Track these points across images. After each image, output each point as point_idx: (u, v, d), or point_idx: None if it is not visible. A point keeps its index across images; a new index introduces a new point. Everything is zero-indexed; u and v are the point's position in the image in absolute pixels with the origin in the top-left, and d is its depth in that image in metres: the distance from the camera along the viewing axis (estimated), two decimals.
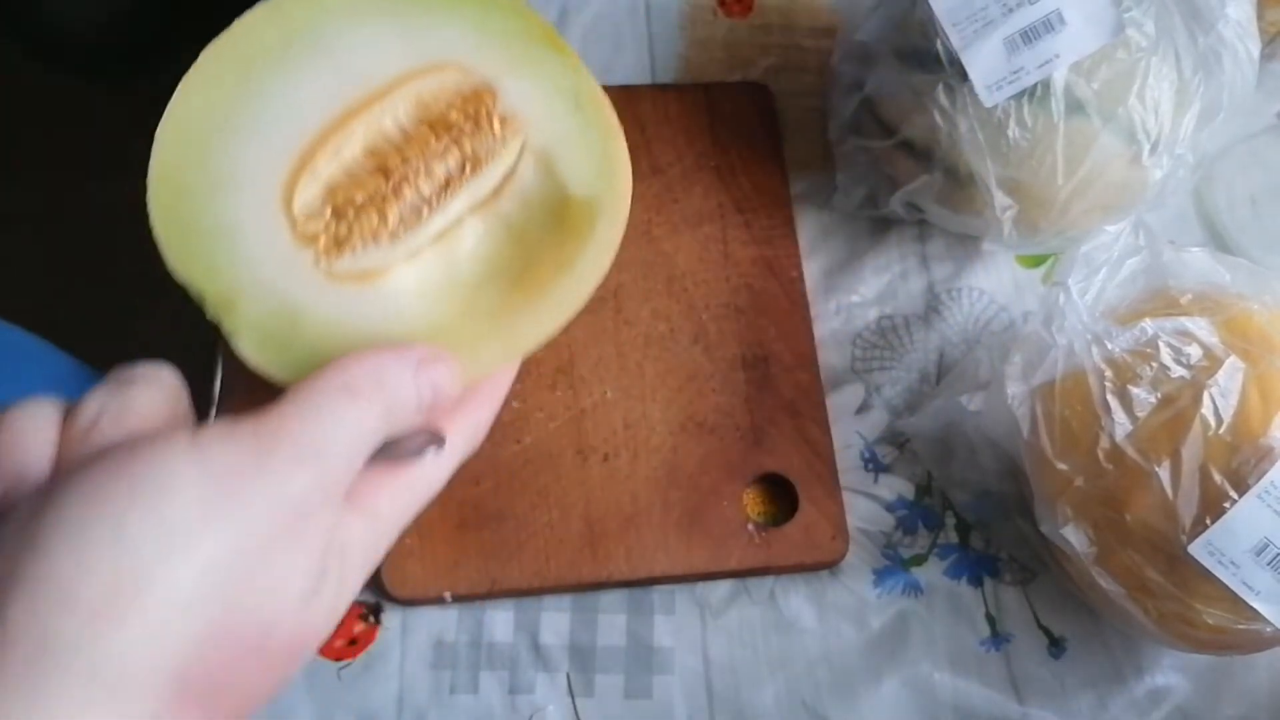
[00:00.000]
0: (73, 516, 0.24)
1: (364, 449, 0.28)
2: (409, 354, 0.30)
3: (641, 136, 0.62)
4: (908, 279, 0.61)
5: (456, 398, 0.31)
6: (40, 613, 0.23)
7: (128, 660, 0.24)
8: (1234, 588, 0.44)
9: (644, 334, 0.57)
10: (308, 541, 0.27)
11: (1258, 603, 0.44)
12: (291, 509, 0.26)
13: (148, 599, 0.24)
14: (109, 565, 0.24)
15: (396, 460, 0.30)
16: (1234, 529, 0.44)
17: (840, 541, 0.53)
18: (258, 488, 0.26)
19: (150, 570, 0.24)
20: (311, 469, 0.27)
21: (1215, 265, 0.50)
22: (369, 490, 0.30)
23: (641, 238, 0.59)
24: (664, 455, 0.54)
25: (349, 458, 0.28)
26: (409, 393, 0.29)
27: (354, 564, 0.29)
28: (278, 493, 0.26)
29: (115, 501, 0.24)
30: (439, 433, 0.32)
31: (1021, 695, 0.52)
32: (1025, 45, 0.51)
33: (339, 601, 0.28)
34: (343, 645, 0.51)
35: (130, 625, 0.24)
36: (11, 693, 0.23)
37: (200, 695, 0.25)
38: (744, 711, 0.51)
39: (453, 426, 0.32)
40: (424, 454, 0.31)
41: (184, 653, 0.24)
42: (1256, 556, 0.44)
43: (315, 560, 0.27)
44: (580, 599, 0.52)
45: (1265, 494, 0.44)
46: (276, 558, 0.26)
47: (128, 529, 0.24)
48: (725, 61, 0.66)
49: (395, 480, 0.30)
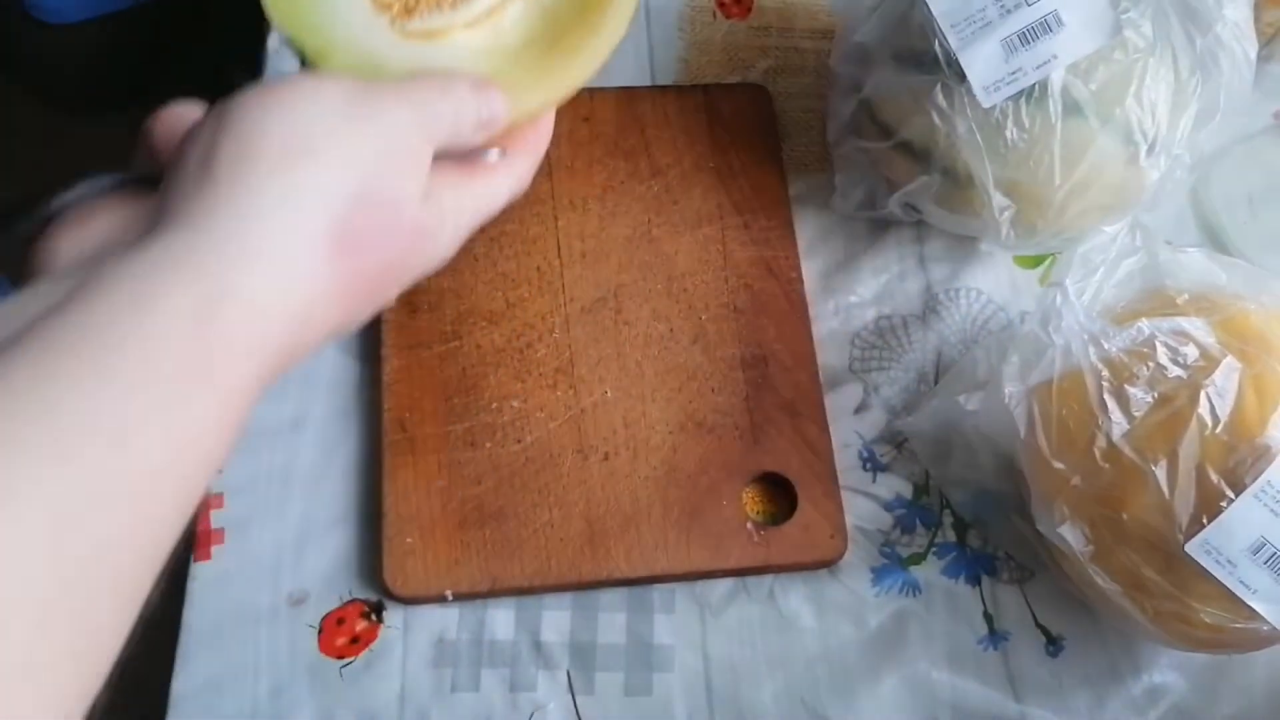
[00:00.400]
0: (251, 104, 0.32)
1: (438, 129, 0.35)
2: (468, 77, 0.37)
3: (641, 138, 0.62)
4: (906, 279, 0.61)
5: (505, 126, 0.37)
6: (235, 164, 0.31)
7: (302, 199, 0.31)
8: (1231, 587, 0.44)
9: (644, 334, 0.57)
10: (416, 160, 0.34)
11: (1255, 601, 0.45)
12: (401, 130, 0.34)
13: (313, 158, 0.32)
14: (282, 133, 0.32)
15: (465, 160, 0.37)
16: (1230, 528, 0.44)
17: (839, 540, 0.53)
18: (377, 108, 0.33)
19: (314, 138, 0.32)
20: (409, 108, 0.34)
21: (1212, 266, 0.51)
22: (441, 181, 0.35)
23: (641, 239, 0.59)
24: (664, 455, 0.54)
25: (430, 124, 0.34)
26: (469, 106, 0.36)
27: (444, 224, 0.36)
28: (390, 117, 0.34)
29: (282, 96, 0.32)
30: None
31: (1019, 693, 0.52)
32: (1023, 46, 0.52)
33: (442, 238, 0.36)
34: (344, 644, 0.51)
35: (301, 173, 0.31)
36: (220, 218, 0.30)
37: (349, 249, 0.32)
38: (743, 709, 0.51)
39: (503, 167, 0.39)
40: (489, 156, 0.38)
41: (337, 208, 0.31)
42: (1253, 555, 0.44)
43: (422, 177, 0.34)
44: (580, 597, 0.53)
45: (1262, 493, 0.44)
46: (397, 159, 0.33)
47: (295, 110, 0.32)
48: (724, 63, 0.67)
49: (463, 180, 0.37)
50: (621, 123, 0.62)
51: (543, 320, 0.57)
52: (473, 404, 0.54)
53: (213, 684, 0.50)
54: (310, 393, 0.56)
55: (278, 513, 0.53)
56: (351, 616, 0.52)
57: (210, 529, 0.52)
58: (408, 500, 0.52)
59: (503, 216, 0.58)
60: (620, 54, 0.66)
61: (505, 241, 0.58)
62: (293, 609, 0.52)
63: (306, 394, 0.56)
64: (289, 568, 0.52)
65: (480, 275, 0.57)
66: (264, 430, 0.55)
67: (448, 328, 0.56)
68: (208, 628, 0.51)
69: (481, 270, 0.58)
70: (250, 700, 0.50)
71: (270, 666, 0.50)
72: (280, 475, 0.54)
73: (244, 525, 0.53)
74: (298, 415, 0.55)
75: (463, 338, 0.56)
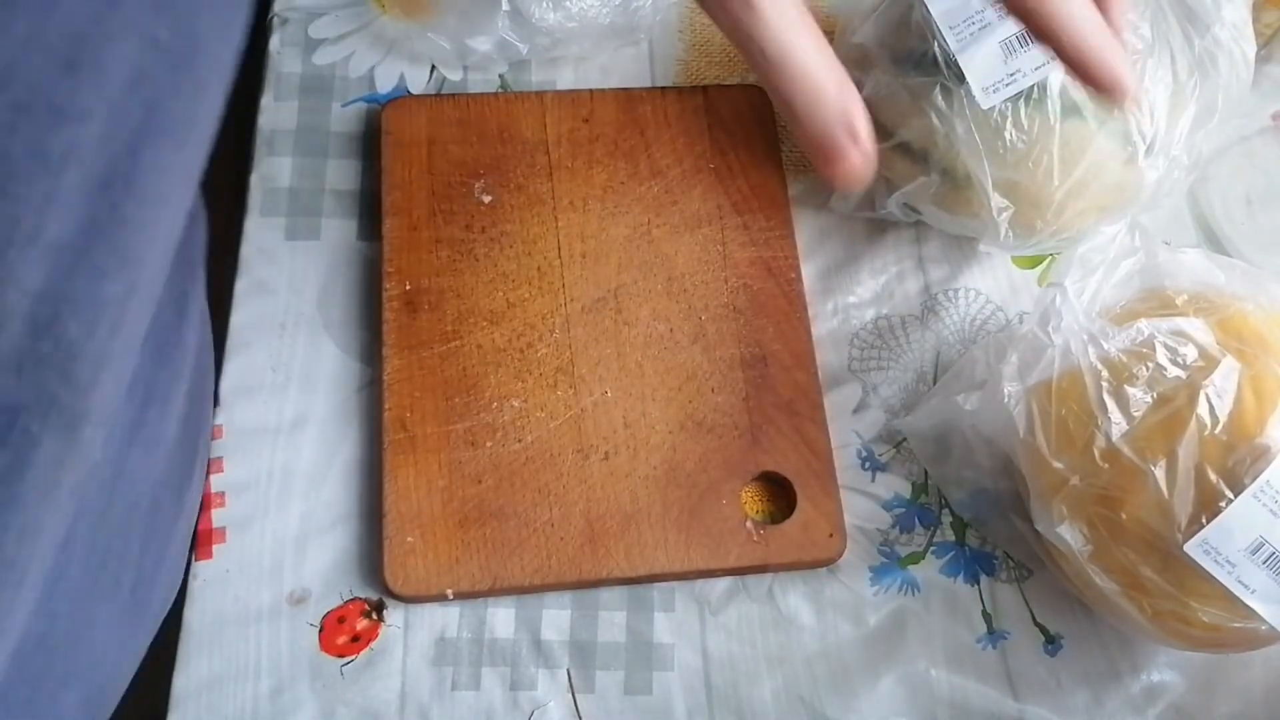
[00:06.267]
0: None
1: None
2: None
3: (641, 139, 0.62)
4: (904, 280, 0.61)
5: None
6: None
7: None
8: (1230, 586, 0.45)
9: (644, 334, 0.57)
10: None
11: (1253, 601, 0.45)
12: None
13: None
14: None
15: None
16: (1229, 528, 0.44)
17: (838, 539, 0.53)
18: None
19: None
20: None
21: (1211, 266, 0.51)
22: None
23: (641, 239, 0.59)
24: (663, 454, 0.54)
25: None
26: None
27: None
28: None
29: None
30: None
31: (1018, 692, 0.52)
32: (1022, 48, 0.52)
33: None
34: (345, 642, 0.51)
35: None
36: None
37: None
38: (742, 707, 0.51)
39: None
40: None
41: None
42: (1252, 555, 0.44)
43: None
44: (581, 596, 0.53)
45: (1260, 493, 0.44)
46: None
47: None
48: (724, 64, 0.67)
49: None
50: (621, 123, 0.63)
51: (543, 320, 0.57)
52: (473, 403, 0.55)
53: (213, 682, 0.50)
54: (311, 392, 0.56)
55: (279, 512, 0.53)
56: (352, 615, 0.52)
57: (211, 528, 0.53)
58: (408, 499, 0.52)
59: (503, 216, 0.59)
60: (620, 55, 0.67)
61: (506, 242, 0.59)
62: (294, 608, 0.52)
63: (307, 394, 0.56)
64: (290, 566, 0.52)
65: (481, 275, 0.58)
66: (265, 429, 0.55)
67: (448, 327, 0.56)
68: (208, 626, 0.51)
69: (482, 270, 0.58)
70: (251, 699, 0.50)
71: (271, 665, 0.50)
72: (281, 474, 0.54)
73: (245, 524, 0.53)
74: (299, 415, 0.55)
75: (463, 337, 0.56)
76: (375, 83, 0.64)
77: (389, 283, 0.57)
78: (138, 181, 0.30)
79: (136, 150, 0.29)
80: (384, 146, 0.60)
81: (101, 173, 0.28)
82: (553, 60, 0.66)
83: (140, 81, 0.28)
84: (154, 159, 0.30)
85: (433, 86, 0.65)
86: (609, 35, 0.64)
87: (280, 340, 0.57)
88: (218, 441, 0.54)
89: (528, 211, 0.60)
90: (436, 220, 0.59)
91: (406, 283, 0.57)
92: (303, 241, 0.59)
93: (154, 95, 0.29)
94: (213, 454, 0.54)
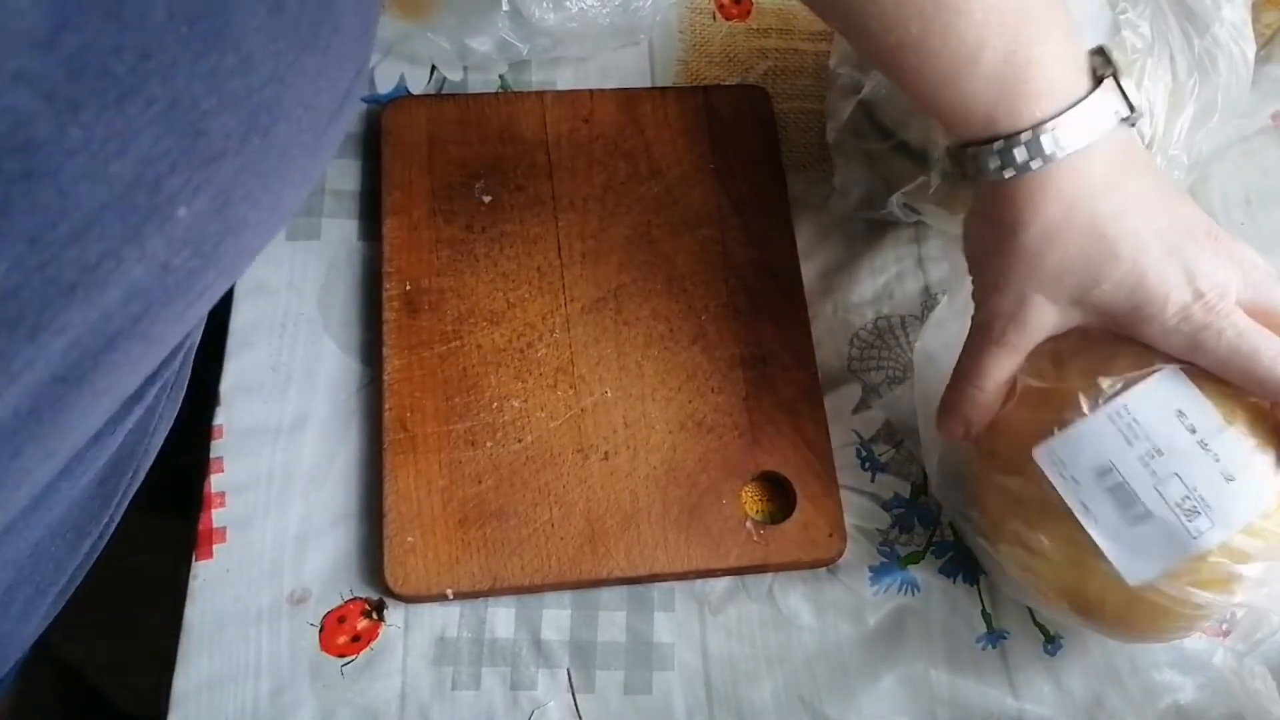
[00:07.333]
0: None
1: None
2: None
3: (641, 139, 0.62)
4: (904, 280, 0.62)
5: None
6: None
7: None
8: (1070, 505, 0.44)
9: (644, 334, 0.57)
10: None
11: (1095, 531, 0.43)
12: None
13: None
14: None
15: None
16: (1078, 444, 0.43)
17: (837, 539, 0.53)
18: None
19: None
20: None
21: None
22: None
23: (641, 239, 0.59)
24: (663, 454, 0.54)
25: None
26: None
27: None
28: None
29: None
30: None
31: (1017, 692, 0.52)
32: None
33: None
34: (346, 642, 0.51)
35: None
36: None
37: None
38: (742, 707, 0.51)
39: None
40: None
41: None
42: (1099, 478, 0.43)
43: None
44: (581, 596, 0.53)
45: (1116, 416, 0.43)
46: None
47: None
48: (724, 65, 0.67)
49: None
50: (622, 124, 0.63)
51: (543, 320, 0.57)
52: (473, 403, 0.55)
53: (214, 682, 0.50)
54: (312, 392, 0.56)
55: (279, 511, 0.53)
56: (353, 615, 0.52)
57: (212, 528, 0.53)
58: (409, 499, 0.52)
59: (503, 217, 0.59)
60: (620, 55, 0.67)
61: (506, 242, 0.59)
62: (294, 607, 0.52)
63: (308, 394, 0.56)
64: (290, 566, 0.52)
65: (481, 275, 0.58)
66: (266, 430, 0.55)
67: (449, 327, 0.56)
68: (209, 626, 0.51)
69: (482, 270, 0.58)
70: (251, 698, 0.50)
71: (271, 665, 0.50)
72: (282, 474, 0.54)
73: (245, 524, 0.53)
74: (299, 415, 0.55)
75: (464, 337, 0.56)
76: (375, 83, 0.64)
77: (389, 283, 0.57)
78: (92, 380, 0.29)
79: (102, 352, 0.29)
80: (384, 147, 0.60)
81: (57, 370, 0.28)
82: (553, 60, 0.66)
83: (133, 298, 0.28)
84: (122, 358, 0.30)
85: (433, 87, 0.65)
86: (609, 35, 0.64)
87: (280, 340, 0.57)
88: (218, 441, 0.54)
89: (528, 211, 0.60)
90: (437, 220, 0.59)
91: (407, 283, 0.57)
92: (303, 242, 0.60)
93: (143, 309, 0.29)
94: (213, 454, 0.54)
